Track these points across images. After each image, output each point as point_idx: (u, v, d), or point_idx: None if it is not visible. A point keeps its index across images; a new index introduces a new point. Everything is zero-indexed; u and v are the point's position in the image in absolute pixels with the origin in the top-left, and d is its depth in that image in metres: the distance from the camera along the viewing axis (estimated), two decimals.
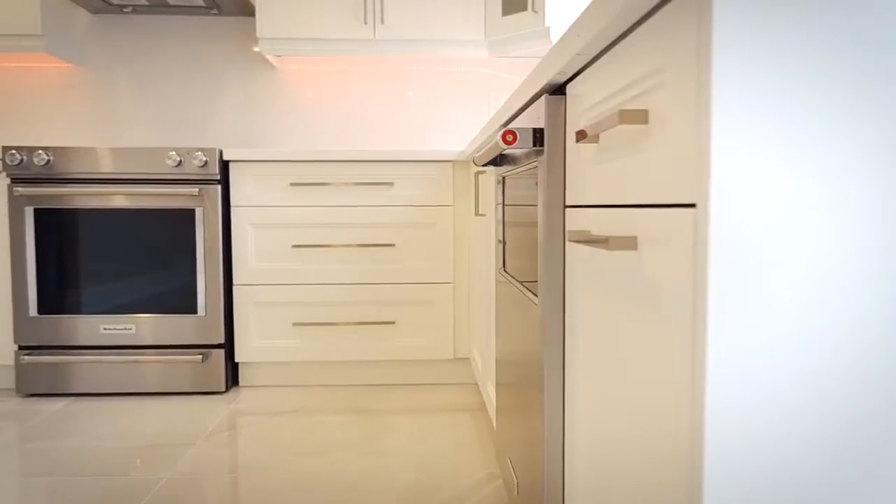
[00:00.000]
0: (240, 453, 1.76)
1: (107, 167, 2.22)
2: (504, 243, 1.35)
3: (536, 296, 0.97)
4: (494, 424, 1.63)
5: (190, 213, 2.24)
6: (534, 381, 0.98)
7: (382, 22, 2.54)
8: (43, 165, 2.20)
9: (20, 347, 2.25)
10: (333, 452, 1.76)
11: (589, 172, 0.77)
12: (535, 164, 0.97)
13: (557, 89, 0.91)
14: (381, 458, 1.72)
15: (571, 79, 0.85)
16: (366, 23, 2.54)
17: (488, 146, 1.15)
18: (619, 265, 0.65)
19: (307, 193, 2.31)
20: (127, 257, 2.24)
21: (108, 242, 2.23)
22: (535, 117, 0.96)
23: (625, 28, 0.63)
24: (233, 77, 2.83)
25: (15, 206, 2.20)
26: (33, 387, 2.25)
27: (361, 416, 2.06)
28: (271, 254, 2.32)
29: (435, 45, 2.56)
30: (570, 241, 0.74)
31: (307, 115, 2.86)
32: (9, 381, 2.36)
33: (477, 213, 1.87)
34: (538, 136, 0.92)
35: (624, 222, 0.63)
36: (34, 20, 2.50)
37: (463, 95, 2.88)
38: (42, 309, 2.23)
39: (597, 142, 0.74)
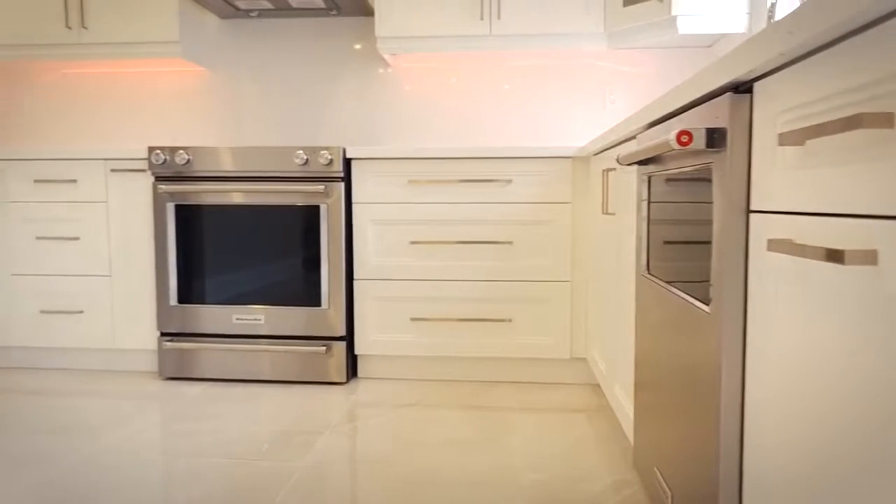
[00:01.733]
0: (366, 444, 1.81)
1: (240, 165, 2.34)
2: (649, 245, 1.31)
3: (706, 303, 0.93)
4: (627, 429, 1.59)
5: (315, 210, 2.32)
6: (703, 391, 0.94)
7: (499, 17, 2.52)
8: (183, 164, 2.35)
9: (162, 334, 2.42)
10: (455, 447, 1.78)
11: (787, 178, 0.72)
12: (708, 165, 0.92)
13: (739, 87, 0.87)
14: (503, 456, 1.72)
15: (759, 77, 0.80)
16: (482, 19, 2.53)
17: (645, 145, 1.11)
18: (847, 280, 0.61)
19: (425, 190, 2.34)
20: (257, 251, 2.35)
21: (239, 237, 2.35)
22: (710, 116, 0.91)
23: (861, 24, 0.58)
24: (349, 76, 2.91)
25: (158, 202, 2.36)
26: (173, 370, 2.42)
27: (479, 413, 2.06)
28: (390, 249, 2.37)
29: (552, 39, 2.52)
30: (771, 250, 0.70)
31: (422, 112, 2.89)
32: (152, 364, 2.55)
33: (605, 212, 1.82)
34: (717, 136, 0.88)
35: (857, 234, 0.59)
36: (172, 27, 2.66)
37: (578, 90, 2.82)
38: (181, 298, 2.39)
39: (801, 145, 0.69)
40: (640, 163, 1.34)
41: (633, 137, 1.52)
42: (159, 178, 2.38)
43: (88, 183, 2.45)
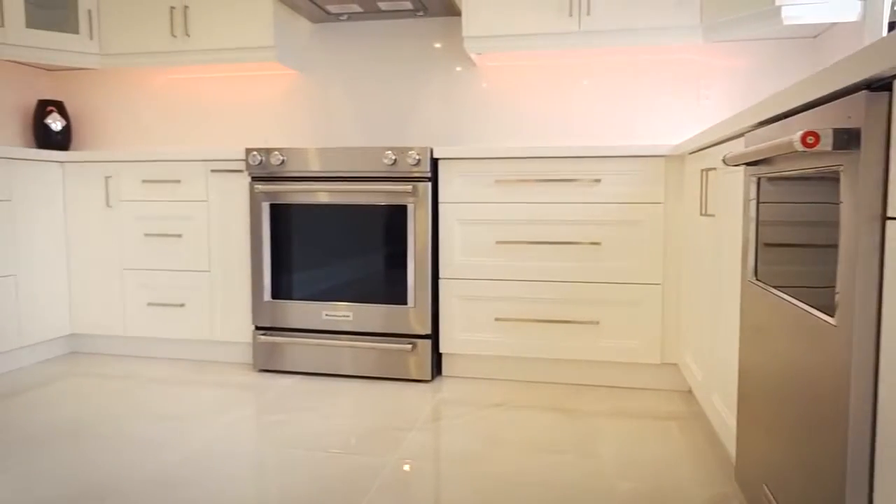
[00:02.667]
0: (452, 443, 1.82)
1: (331, 166, 2.40)
2: (757, 249, 1.24)
3: (830, 314, 0.87)
4: (727, 441, 1.52)
5: (402, 209, 2.35)
6: (827, 407, 0.89)
7: (588, 13, 2.47)
8: (278, 165, 2.44)
9: (256, 328, 2.53)
10: (543, 450, 1.76)
11: None
12: (835, 167, 0.87)
13: (873, 85, 0.81)
14: (593, 461, 1.68)
15: None
16: (571, 15, 2.49)
17: (759, 146, 1.06)
18: None
19: (511, 190, 2.32)
20: (346, 249, 2.41)
21: (329, 235, 2.42)
22: (839, 116, 0.85)
23: None
24: (435, 76, 2.93)
25: (254, 201, 2.46)
26: (267, 363, 2.52)
27: (566, 416, 2.04)
28: (476, 249, 2.37)
29: (644, 34, 2.45)
30: None
31: (508, 110, 2.88)
32: (247, 356, 2.66)
33: (703, 213, 1.75)
34: (847, 137, 0.82)
35: None
36: (267, 33, 2.77)
37: (669, 86, 2.72)
38: (274, 294, 2.48)
39: None
40: (749, 163, 1.28)
41: (738, 136, 1.45)
42: (255, 179, 2.48)
43: (191, 183, 2.58)
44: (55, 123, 3.11)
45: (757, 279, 1.24)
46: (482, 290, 2.37)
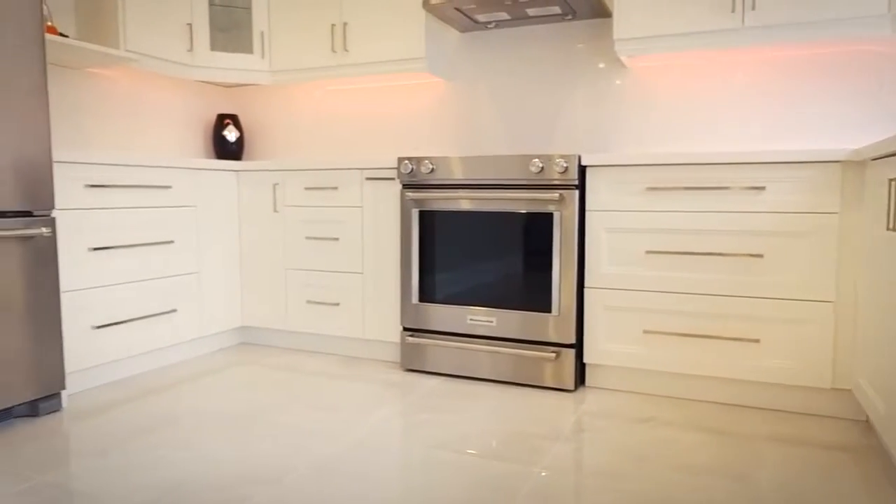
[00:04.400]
0: (597, 456, 1.79)
1: (479, 174, 2.45)
2: None
3: None
4: None
5: (548, 217, 2.34)
6: None
7: (753, 8, 2.31)
8: (428, 173, 2.53)
9: (404, 329, 2.64)
10: (694, 472, 1.67)
11: None
12: None
13: None
14: (747, 487, 1.58)
15: None
16: (733, 11, 2.34)
17: None
18: None
19: (664, 198, 2.23)
20: (491, 256, 2.45)
21: (476, 241, 2.47)
22: None
23: None
24: (582, 80, 2.89)
25: (405, 208, 2.58)
26: (413, 363, 2.63)
27: (719, 437, 1.92)
28: (624, 258, 2.31)
29: (819, 28, 2.24)
30: None
31: (660, 115, 2.76)
32: (395, 355, 2.79)
33: (890, 228, 1.58)
34: None
35: None
36: (419, 45, 2.88)
37: (845, 83, 2.47)
38: (422, 297, 2.58)
39: None
40: None
41: None
42: (406, 186, 2.59)
43: (347, 190, 2.75)
44: (231, 135, 3.45)
45: None
46: (630, 300, 2.30)
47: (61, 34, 2.54)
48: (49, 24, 2.52)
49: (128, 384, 2.45)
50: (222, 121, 3.46)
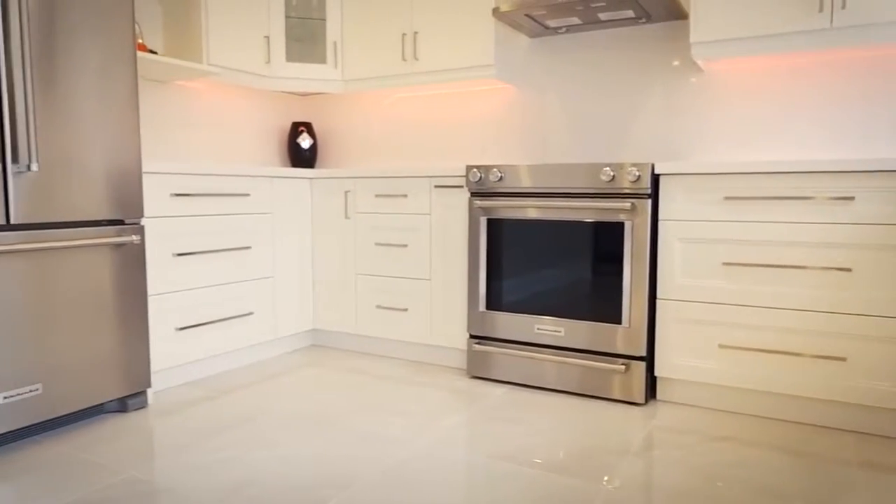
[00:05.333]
0: (670, 477, 1.73)
1: (548, 182, 2.43)
2: None
3: None
4: None
5: (619, 227, 2.30)
6: None
7: (843, 6, 2.19)
8: (496, 181, 2.52)
9: (471, 336, 2.65)
10: (774, 497, 1.60)
11: None
12: None
13: None
14: None
15: None
16: (821, 11, 2.22)
17: None
18: None
19: (742, 208, 2.15)
20: (560, 265, 2.42)
21: (543, 250, 2.45)
22: None
23: None
24: (656, 85, 2.81)
25: (473, 216, 2.58)
26: (479, 370, 2.63)
27: (802, 460, 1.83)
28: (698, 270, 2.23)
29: None
30: None
31: (738, 120, 2.66)
32: (461, 361, 2.81)
33: None
34: None
35: None
36: (488, 52, 2.88)
37: None
38: (489, 305, 2.58)
39: None
40: None
41: None
42: (475, 194, 2.59)
43: (416, 197, 2.79)
44: (305, 142, 3.55)
45: None
46: (705, 313, 2.23)
47: (151, 51, 2.69)
48: (140, 41, 2.67)
49: (206, 383, 2.57)
50: (297, 128, 3.57)
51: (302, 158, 3.57)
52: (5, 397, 1.84)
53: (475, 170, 2.56)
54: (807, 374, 2.08)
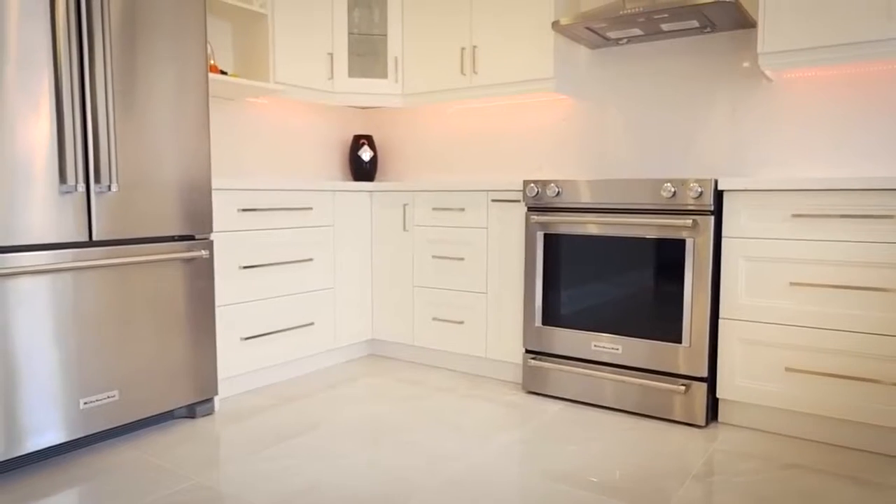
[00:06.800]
0: None
1: (606, 198, 2.40)
2: None
3: None
4: None
5: (680, 244, 2.25)
6: None
7: None
8: (553, 196, 2.51)
9: (527, 351, 2.64)
10: None
11: None
12: None
13: None
14: None
15: None
16: (890, 19, 2.11)
17: None
18: None
19: (812, 226, 2.06)
20: (617, 281, 2.39)
21: (600, 266, 2.42)
22: None
23: None
24: (720, 96, 2.73)
25: (530, 230, 2.58)
26: (535, 385, 2.62)
27: (876, 492, 1.74)
28: (764, 289, 2.16)
29: None
30: None
31: (807, 132, 2.55)
32: (516, 376, 2.80)
33: None
34: None
35: None
36: (547, 65, 2.87)
37: None
38: (545, 320, 2.57)
39: None
40: None
41: None
42: (531, 209, 2.59)
43: (473, 211, 2.81)
44: (365, 154, 3.63)
45: None
46: (770, 335, 2.15)
47: (222, 71, 2.82)
48: (212, 62, 2.80)
49: (269, 391, 2.66)
50: (358, 141, 3.65)
51: (362, 170, 3.65)
52: (85, 403, 1.96)
53: (532, 184, 2.56)
54: (879, 401, 1.98)
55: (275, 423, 2.28)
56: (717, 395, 2.27)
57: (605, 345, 2.43)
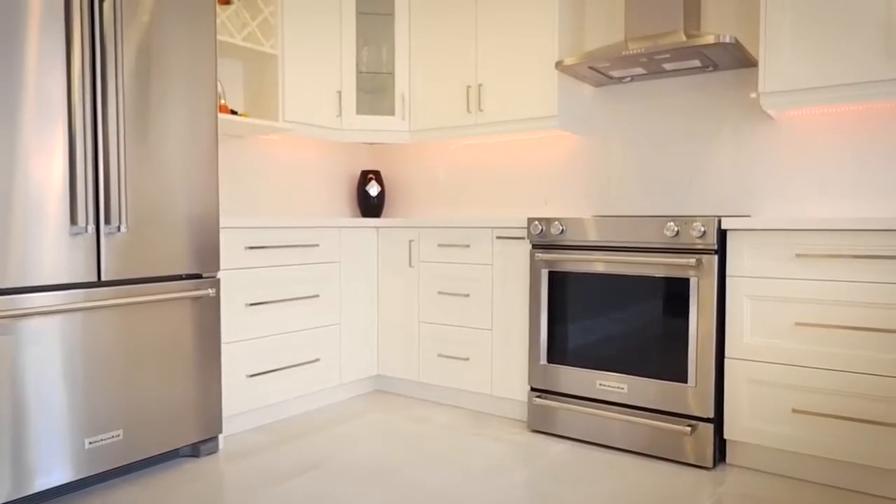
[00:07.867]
0: None
1: (610, 236, 2.41)
2: None
3: None
4: None
5: (684, 283, 2.25)
6: None
7: None
8: (558, 234, 2.53)
9: (532, 389, 2.63)
10: None
11: None
12: None
13: None
14: None
15: None
16: (890, 58, 2.13)
17: None
18: None
19: (816, 266, 2.06)
20: (621, 319, 2.38)
21: (605, 304, 2.42)
22: None
23: None
24: (724, 132, 2.75)
25: (534, 268, 2.59)
26: (540, 424, 2.60)
27: None
28: (769, 329, 2.14)
29: None
30: None
31: (809, 170, 2.56)
32: (521, 414, 2.79)
33: None
34: None
35: None
36: (551, 103, 2.91)
37: None
38: (550, 358, 2.56)
39: None
40: None
41: None
42: (536, 246, 2.60)
43: (478, 248, 2.82)
44: (373, 189, 3.67)
45: None
46: (776, 375, 2.13)
47: (232, 111, 2.88)
48: (222, 102, 2.86)
49: (274, 428, 2.66)
50: (366, 176, 3.70)
51: (370, 205, 3.69)
52: (90, 443, 1.98)
53: (536, 222, 2.57)
54: (887, 445, 1.95)
55: (278, 463, 2.28)
56: (725, 436, 2.24)
57: (611, 384, 2.41)
